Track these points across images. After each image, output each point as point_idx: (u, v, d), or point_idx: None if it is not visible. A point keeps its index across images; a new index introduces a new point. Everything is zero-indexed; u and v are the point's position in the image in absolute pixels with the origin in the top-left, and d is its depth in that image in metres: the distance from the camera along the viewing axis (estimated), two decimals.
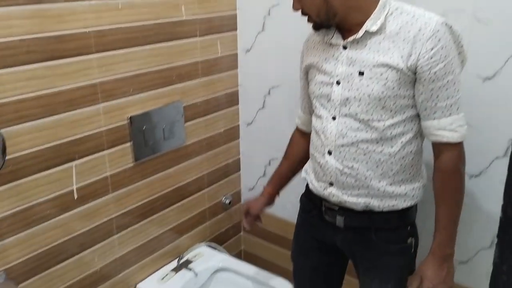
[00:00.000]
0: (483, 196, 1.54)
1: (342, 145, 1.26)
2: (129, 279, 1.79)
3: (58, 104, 1.41)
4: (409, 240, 1.33)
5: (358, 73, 1.20)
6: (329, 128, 1.28)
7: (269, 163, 2.08)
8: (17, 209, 1.37)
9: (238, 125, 2.12)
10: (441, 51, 1.13)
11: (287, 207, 2.04)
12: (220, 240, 2.17)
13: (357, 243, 1.36)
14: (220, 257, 2.02)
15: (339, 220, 1.34)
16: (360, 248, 1.36)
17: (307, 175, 1.44)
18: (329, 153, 1.29)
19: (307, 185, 1.46)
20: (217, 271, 1.97)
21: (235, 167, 2.18)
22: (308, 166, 1.45)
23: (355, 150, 1.25)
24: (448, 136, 1.18)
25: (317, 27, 1.27)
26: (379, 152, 1.24)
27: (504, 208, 0.45)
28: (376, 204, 1.28)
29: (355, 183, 1.27)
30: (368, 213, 1.30)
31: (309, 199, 1.45)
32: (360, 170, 1.26)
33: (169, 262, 1.95)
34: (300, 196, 1.54)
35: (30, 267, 1.44)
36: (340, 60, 1.24)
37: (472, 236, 1.61)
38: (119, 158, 1.63)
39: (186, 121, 1.84)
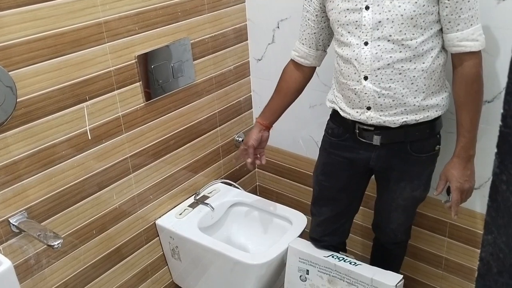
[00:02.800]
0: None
1: (378, 68, 1.30)
2: (148, 216, 1.85)
3: (65, 45, 1.40)
4: (437, 147, 1.44)
5: None
6: (362, 54, 1.30)
7: None
8: (33, 150, 1.40)
9: (248, 61, 2.09)
10: None
11: (299, 142, 2.05)
12: (234, 177, 2.20)
13: (392, 157, 1.43)
14: (236, 192, 2.06)
15: (376, 139, 1.40)
16: (395, 162, 1.44)
17: (336, 104, 1.47)
18: (365, 78, 1.32)
19: (334, 112, 1.50)
20: (233, 205, 2.02)
21: (247, 104, 2.18)
22: (333, 95, 1.48)
23: (391, 71, 1.29)
24: (471, 45, 1.24)
25: None
26: (413, 70, 1.28)
27: (504, 117, 0.44)
28: (413, 118, 1.35)
29: (393, 103, 1.33)
30: (404, 128, 1.37)
31: (339, 124, 1.49)
32: (397, 90, 1.31)
33: (186, 199, 2.00)
34: (326, 123, 1.57)
35: (50, 206, 1.49)
36: None
37: (484, 163, 1.60)
38: (130, 98, 1.64)
39: (194, 58, 1.82)
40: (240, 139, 2.17)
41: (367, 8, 1.25)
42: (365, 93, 1.34)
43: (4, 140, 1.33)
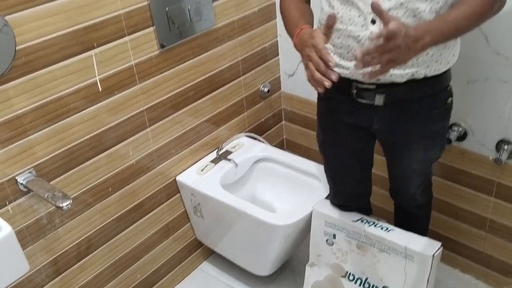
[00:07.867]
0: None
1: (389, 9, 1.08)
2: (167, 172, 1.74)
3: None
4: (449, 100, 1.27)
5: None
6: None
7: None
8: (38, 103, 1.29)
9: (274, 3, 1.90)
10: None
11: None
12: (260, 131, 2.07)
13: (398, 118, 1.25)
14: (261, 147, 1.93)
15: (378, 99, 1.20)
16: (402, 123, 1.26)
17: None
18: (373, 22, 1.10)
19: None
20: (258, 161, 1.90)
21: (273, 51, 2.00)
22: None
23: (404, 12, 1.08)
24: None
25: None
26: (427, 12, 1.08)
27: None
28: (423, 72, 1.15)
29: None
30: (411, 83, 1.17)
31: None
32: None
33: (208, 154, 1.88)
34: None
35: (60, 163, 1.39)
36: None
37: None
38: (143, 45, 1.49)
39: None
40: (266, 89, 2.01)
41: None
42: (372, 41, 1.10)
43: (5, 93, 1.21)
